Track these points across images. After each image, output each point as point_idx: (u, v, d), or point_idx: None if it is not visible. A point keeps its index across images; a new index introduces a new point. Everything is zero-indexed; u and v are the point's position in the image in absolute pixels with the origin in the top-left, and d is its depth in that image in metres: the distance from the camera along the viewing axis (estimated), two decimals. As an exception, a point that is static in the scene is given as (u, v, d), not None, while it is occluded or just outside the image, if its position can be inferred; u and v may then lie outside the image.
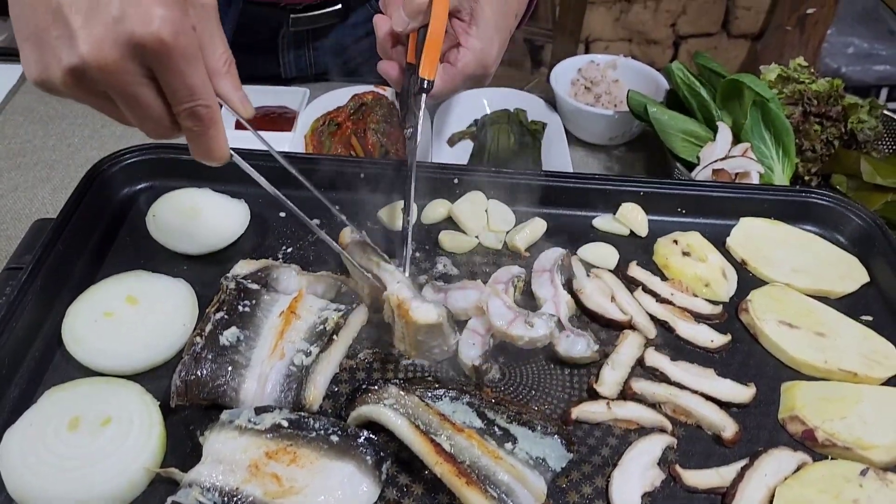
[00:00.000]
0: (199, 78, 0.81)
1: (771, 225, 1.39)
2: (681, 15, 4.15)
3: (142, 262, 1.24)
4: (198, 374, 1.03)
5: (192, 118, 0.84)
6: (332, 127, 1.69)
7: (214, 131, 0.87)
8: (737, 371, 1.16)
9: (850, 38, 4.28)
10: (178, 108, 0.83)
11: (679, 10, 4.13)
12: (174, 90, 0.82)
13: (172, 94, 0.82)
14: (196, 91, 0.82)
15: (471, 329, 1.14)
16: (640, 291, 1.26)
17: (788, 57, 1.94)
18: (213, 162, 0.91)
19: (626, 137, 1.83)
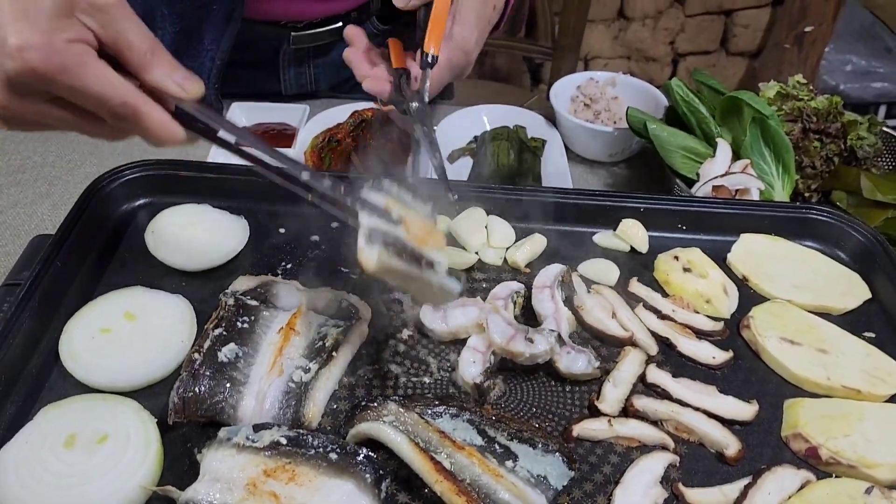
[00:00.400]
0: (97, 83, 0.80)
1: (772, 241, 1.39)
2: (679, 33, 4.18)
3: (140, 278, 1.24)
4: (196, 390, 1.02)
5: (116, 118, 0.83)
6: (332, 143, 1.68)
7: (147, 121, 0.84)
8: (739, 388, 1.15)
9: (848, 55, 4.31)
10: (98, 113, 0.83)
11: (678, 28, 4.15)
12: (80, 102, 0.81)
13: (82, 105, 0.82)
14: (102, 96, 0.81)
15: (471, 347, 1.14)
16: (641, 308, 1.25)
17: (787, 74, 1.95)
18: (166, 144, 0.89)
19: (625, 154, 1.83)
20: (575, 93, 1.94)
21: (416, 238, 0.98)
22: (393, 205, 0.99)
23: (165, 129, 0.87)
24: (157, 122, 0.86)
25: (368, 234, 0.94)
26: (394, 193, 1.02)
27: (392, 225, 0.97)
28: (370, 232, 0.94)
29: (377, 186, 1.02)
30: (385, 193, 1.01)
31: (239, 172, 1.39)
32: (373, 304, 1.23)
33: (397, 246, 0.95)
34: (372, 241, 0.93)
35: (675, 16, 4.12)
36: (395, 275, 0.97)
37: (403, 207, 1.01)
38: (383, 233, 0.95)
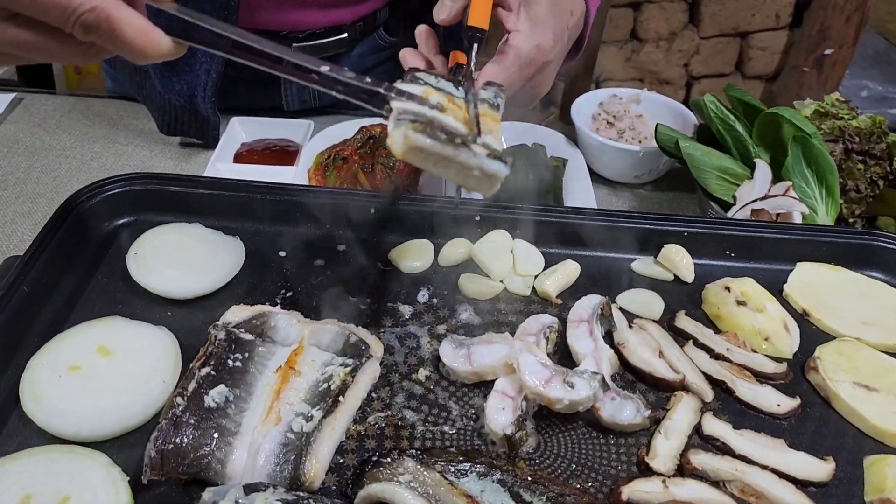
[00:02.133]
0: None
1: (832, 271, 1.24)
2: (694, 55, 4.06)
3: (119, 306, 1.09)
4: (177, 442, 0.86)
5: (86, 32, 0.73)
6: (337, 161, 1.56)
7: (123, 28, 0.74)
8: (810, 442, 0.99)
9: (864, 81, 4.24)
10: (63, 28, 0.72)
11: (692, 50, 4.04)
12: (41, 15, 0.71)
13: (44, 18, 0.72)
14: (65, 2, 0.70)
15: (499, 391, 0.98)
16: (690, 346, 1.10)
17: (806, 98, 1.84)
18: (149, 58, 0.78)
19: (652, 175, 1.70)
20: (597, 110, 1.82)
21: (465, 122, 0.87)
22: (432, 92, 0.88)
23: (147, 37, 0.76)
24: (136, 29, 0.75)
25: (396, 116, 0.83)
26: (432, 83, 0.91)
27: (428, 109, 0.85)
28: (400, 113, 0.83)
29: (413, 78, 0.90)
30: (422, 84, 0.90)
31: (236, 188, 1.25)
32: (385, 338, 1.08)
33: (434, 129, 0.82)
34: (400, 120, 0.82)
35: (689, 38, 4.01)
36: (428, 157, 0.83)
37: (444, 95, 0.90)
38: (414, 113, 0.83)
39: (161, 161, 1.65)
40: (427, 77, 0.92)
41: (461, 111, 0.90)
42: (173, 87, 1.59)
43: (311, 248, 1.22)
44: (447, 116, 0.86)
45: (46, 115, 1.77)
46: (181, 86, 1.58)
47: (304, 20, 1.65)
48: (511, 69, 1.04)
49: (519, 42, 1.05)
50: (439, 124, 0.84)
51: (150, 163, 1.64)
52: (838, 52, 3.74)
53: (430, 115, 0.84)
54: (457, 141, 0.82)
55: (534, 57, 1.06)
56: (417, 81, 0.91)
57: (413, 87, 0.89)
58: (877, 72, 4.28)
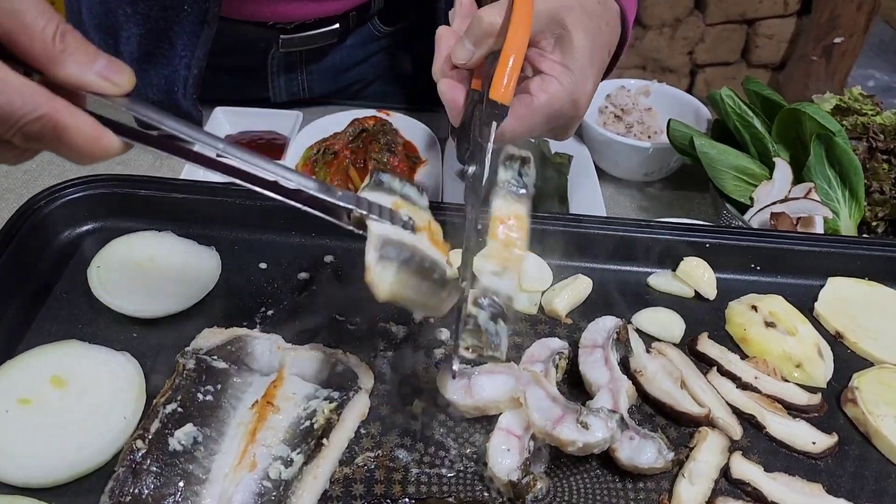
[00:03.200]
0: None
1: (868, 287, 1.13)
2: (698, 43, 3.95)
3: (78, 328, 0.97)
4: (135, 493, 0.76)
5: (27, 140, 0.64)
6: (327, 156, 1.47)
7: (70, 136, 0.65)
8: (850, 485, 0.89)
9: (870, 70, 4.15)
10: (3, 137, 0.63)
11: (697, 37, 3.93)
12: None
13: None
14: (5, 112, 0.62)
15: (504, 428, 0.87)
16: (714, 373, 0.99)
17: (813, 89, 1.75)
18: (96, 160, 0.69)
19: (662, 173, 1.60)
20: (603, 103, 1.73)
21: (435, 244, 0.82)
22: (401, 205, 0.81)
23: (95, 143, 0.67)
24: (84, 136, 0.66)
25: (380, 248, 0.75)
26: (398, 189, 0.82)
27: (405, 231, 0.78)
28: (382, 244, 0.75)
29: (377, 184, 0.82)
30: (388, 191, 0.81)
31: (213, 192, 1.14)
32: (376, 364, 0.97)
33: (416, 266, 0.76)
34: (384, 258, 0.74)
35: (694, 24, 3.89)
36: (407, 301, 0.79)
37: (411, 206, 0.82)
38: (398, 244, 0.75)
39: (139, 155, 1.53)
40: (392, 181, 0.83)
41: (427, 225, 0.82)
42: (150, 82, 1.48)
43: (295, 259, 1.11)
44: (421, 239, 0.79)
45: (17, 104, 1.65)
46: (159, 80, 1.48)
47: (293, 11, 1.54)
48: (536, 119, 0.92)
49: (554, 91, 0.92)
50: (427, 264, 0.77)
51: (127, 157, 1.53)
52: (848, 41, 3.63)
53: (409, 244, 0.77)
54: (442, 289, 0.79)
55: (567, 112, 0.94)
56: (383, 188, 0.81)
57: (382, 196, 0.80)
58: (882, 62, 4.21)
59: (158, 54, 1.45)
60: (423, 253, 0.77)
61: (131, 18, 1.41)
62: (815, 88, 1.72)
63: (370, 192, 0.81)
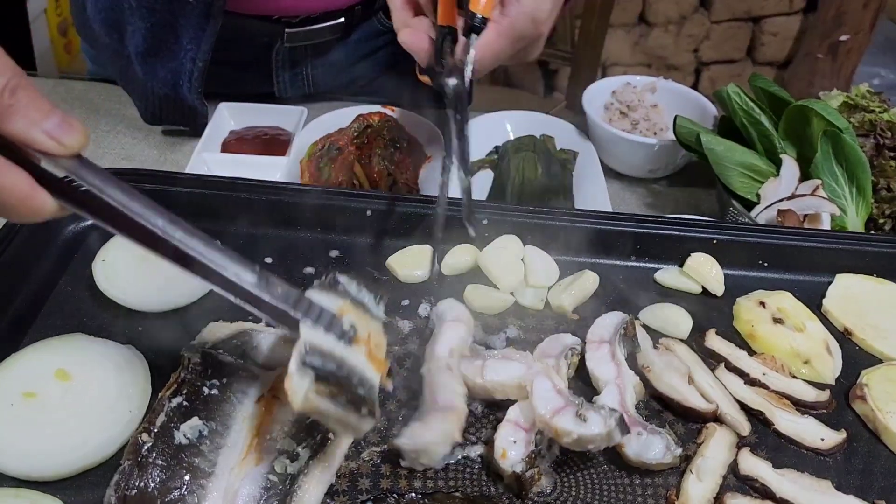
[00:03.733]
0: None
1: (876, 283, 1.13)
2: (704, 40, 3.95)
3: (83, 321, 0.97)
4: (141, 486, 0.75)
5: None
6: (332, 152, 1.45)
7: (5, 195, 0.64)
8: (859, 482, 0.89)
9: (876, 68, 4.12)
10: None
11: (702, 35, 3.92)
12: None
13: None
14: None
15: (511, 421, 0.87)
16: (722, 370, 0.99)
17: (819, 86, 1.74)
18: (26, 220, 0.68)
19: (668, 170, 1.60)
20: (609, 99, 1.72)
21: (372, 359, 0.78)
22: (349, 310, 0.78)
23: (30, 203, 0.66)
24: (17, 194, 0.65)
25: (303, 357, 0.71)
26: (352, 294, 0.81)
27: (337, 342, 0.75)
28: (307, 351, 0.71)
29: (331, 284, 0.80)
30: (341, 294, 0.79)
31: (219, 187, 1.13)
32: (381, 360, 0.96)
33: (340, 380, 0.72)
34: (306, 365, 0.71)
35: (699, 22, 3.89)
36: (322, 415, 0.74)
37: (361, 314, 0.80)
38: (322, 354, 0.72)
39: (144, 149, 1.53)
40: (348, 285, 0.81)
41: (373, 330, 0.80)
42: (156, 75, 1.47)
43: (300, 254, 1.10)
44: (356, 353, 0.76)
45: (21, 99, 1.65)
46: (164, 73, 1.47)
47: (297, 5, 1.53)
48: (503, 43, 0.95)
49: (514, 13, 0.95)
50: (347, 370, 0.73)
51: (133, 151, 1.53)
52: (854, 38, 3.62)
53: (338, 356, 0.73)
54: (362, 412, 0.74)
55: (529, 31, 0.97)
56: (336, 290, 0.80)
57: (331, 299, 0.78)
58: (888, 59, 4.17)
59: (164, 48, 1.44)
60: (350, 367, 0.74)
61: (136, 12, 1.41)
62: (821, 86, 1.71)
63: (321, 291, 0.78)
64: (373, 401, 0.75)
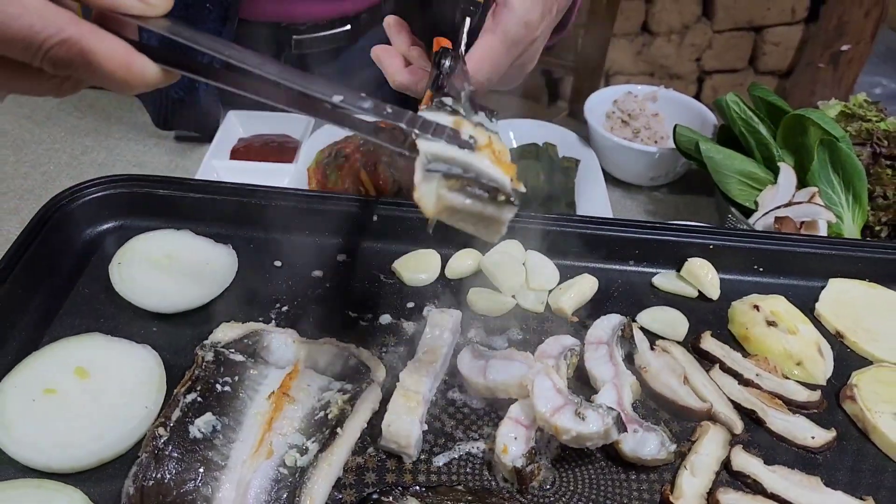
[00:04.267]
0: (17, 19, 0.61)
1: (868, 288, 1.16)
2: (706, 49, 3.97)
3: (100, 321, 1.01)
4: (158, 477, 0.79)
5: (57, 66, 0.64)
6: (339, 159, 1.48)
7: (100, 59, 0.64)
8: (847, 479, 0.91)
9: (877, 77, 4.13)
10: (31, 62, 0.63)
11: (704, 44, 3.94)
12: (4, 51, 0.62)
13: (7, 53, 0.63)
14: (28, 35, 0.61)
15: (513, 418, 0.90)
16: (716, 370, 1.02)
17: (820, 96, 1.76)
18: (140, 89, 0.68)
19: (668, 178, 1.63)
20: (611, 108, 1.75)
21: (498, 163, 0.75)
22: (462, 124, 0.76)
23: (129, 69, 0.66)
24: (116, 61, 0.65)
25: (426, 165, 0.71)
26: (461, 111, 0.79)
27: (460, 150, 0.73)
28: (430, 160, 0.71)
29: (440, 105, 0.79)
30: (450, 112, 0.78)
31: (230, 192, 1.17)
32: (387, 359, 1.00)
33: (468, 180, 0.71)
34: (430, 171, 0.70)
35: (702, 31, 3.91)
36: (461, 215, 0.73)
37: (475, 126, 0.78)
38: (446, 160, 0.71)
39: (155, 157, 1.57)
40: (457, 106, 0.80)
41: (488, 143, 0.78)
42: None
43: (308, 257, 1.14)
44: (481, 158, 0.74)
45: (36, 105, 1.69)
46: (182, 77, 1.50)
47: (306, 11, 1.57)
48: (499, 50, 0.95)
49: (506, 19, 0.95)
50: (475, 173, 0.72)
51: (143, 158, 1.57)
52: (855, 48, 3.63)
53: (462, 161, 0.72)
54: (499, 199, 0.72)
55: (522, 36, 0.97)
56: (445, 109, 0.79)
57: (441, 116, 0.77)
58: (890, 68, 4.18)
59: None
60: (478, 169, 0.72)
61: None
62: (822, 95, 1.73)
63: (432, 112, 0.78)
64: (504, 198, 0.72)
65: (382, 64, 1.01)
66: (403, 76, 0.96)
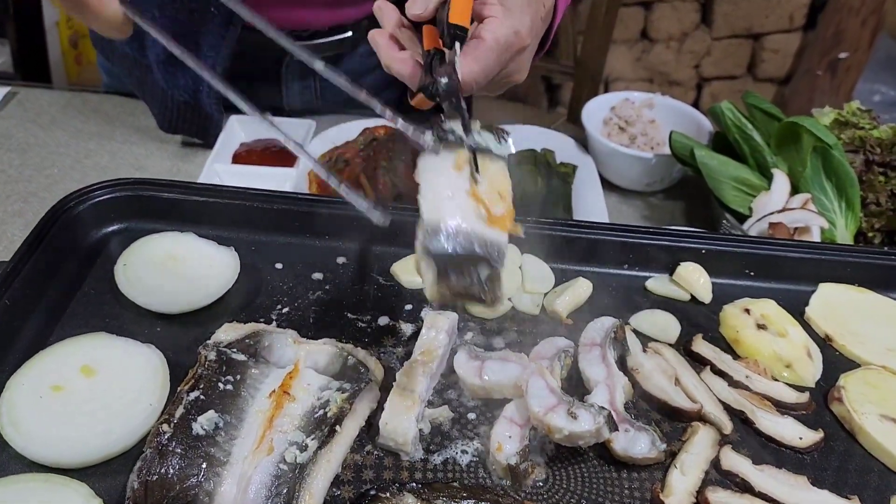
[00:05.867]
0: None
1: (857, 293, 1.18)
2: (705, 56, 4.00)
3: (106, 321, 1.03)
4: (162, 472, 0.81)
5: None
6: (339, 164, 1.50)
7: None
8: (834, 478, 0.94)
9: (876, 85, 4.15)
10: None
11: (703, 51, 3.97)
12: None
13: None
14: None
15: (508, 418, 0.93)
16: (707, 372, 1.04)
17: (819, 103, 1.78)
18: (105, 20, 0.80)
19: (664, 184, 1.65)
20: (608, 115, 1.77)
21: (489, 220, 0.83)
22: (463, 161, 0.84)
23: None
24: None
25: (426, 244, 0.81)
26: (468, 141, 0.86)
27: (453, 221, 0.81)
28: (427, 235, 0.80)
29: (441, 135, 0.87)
30: (453, 143, 0.86)
31: (232, 196, 1.19)
32: (385, 359, 1.02)
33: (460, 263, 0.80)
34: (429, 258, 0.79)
35: (700, 38, 3.94)
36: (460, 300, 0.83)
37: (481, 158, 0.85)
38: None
39: (158, 161, 1.60)
40: (466, 131, 0.86)
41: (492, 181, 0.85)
42: (177, 83, 1.54)
43: (309, 260, 1.16)
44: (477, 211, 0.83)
45: (41, 110, 1.71)
46: (185, 81, 1.53)
47: (308, 18, 1.59)
48: (489, 56, 0.97)
49: (496, 27, 0.98)
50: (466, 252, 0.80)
51: (146, 162, 1.59)
52: (853, 56, 3.66)
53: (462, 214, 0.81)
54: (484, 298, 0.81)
55: (511, 42, 1.00)
56: (447, 138, 0.85)
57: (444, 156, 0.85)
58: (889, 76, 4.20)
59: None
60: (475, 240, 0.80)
61: (159, 21, 1.47)
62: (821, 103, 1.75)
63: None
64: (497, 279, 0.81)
65: (377, 45, 1.03)
66: (396, 64, 0.99)
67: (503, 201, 0.85)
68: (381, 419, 0.90)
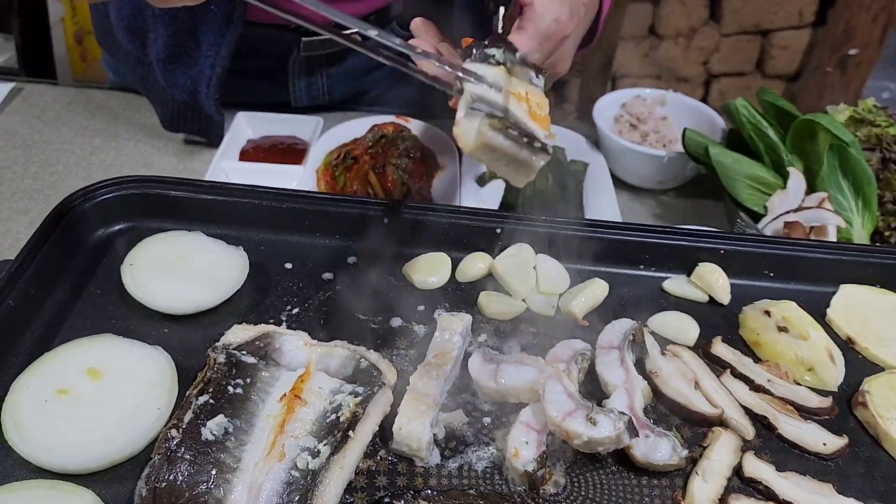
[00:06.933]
0: None
1: (879, 294, 1.15)
2: (713, 53, 3.96)
3: (112, 322, 1.01)
4: (170, 479, 0.79)
5: None
6: (347, 161, 1.49)
7: None
8: (859, 486, 0.91)
9: (885, 81, 4.12)
10: None
11: (712, 47, 3.94)
12: None
13: None
14: None
15: (524, 422, 0.90)
16: (727, 376, 1.02)
17: (828, 100, 1.76)
18: None
19: (677, 182, 1.62)
20: (619, 112, 1.75)
21: (530, 114, 0.84)
22: (503, 74, 0.85)
23: None
24: None
25: (470, 103, 0.79)
26: (507, 61, 0.87)
27: (500, 95, 0.81)
28: (473, 100, 0.79)
29: (482, 57, 0.87)
30: (495, 63, 0.86)
31: (241, 194, 1.17)
32: (398, 362, 1.00)
33: (506, 124, 0.78)
34: (473, 109, 0.78)
35: (709, 34, 3.91)
36: (496, 156, 0.81)
37: (518, 78, 0.86)
38: (490, 103, 0.79)
39: (163, 158, 1.57)
40: (502, 57, 0.88)
41: (532, 90, 0.87)
42: (176, 82, 1.51)
43: (319, 259, 1.14)
44: (520, 108, 0.83)
45: (46, 106, 1.69)
46: (184, 80, 1.51)
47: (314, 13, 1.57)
48: (531, 44, 0.98)
49: (536, 16, 0.99)
50: (513, 119, 0.80)
51: (152, 159, 1.57)
52: (863, 52, 3.63)
53: (503, 107, 0.80)
54: (535, 145, 0.80)
55: (553, 31, 1.01)
56: (490, 61, 0.86)
57: (485, 68, 0.84)
58: (896, 72, 4.18)
59: (185, 54, 1.48)
60: (515, 117, 0.79)
61: (159, 19, 1.45)
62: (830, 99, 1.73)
63: (475, 62, 0.85)
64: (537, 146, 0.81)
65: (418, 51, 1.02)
66: (432, 68, 0.98)
67: (542, 110, 0.88)
68: (395, 424, 0.88)
